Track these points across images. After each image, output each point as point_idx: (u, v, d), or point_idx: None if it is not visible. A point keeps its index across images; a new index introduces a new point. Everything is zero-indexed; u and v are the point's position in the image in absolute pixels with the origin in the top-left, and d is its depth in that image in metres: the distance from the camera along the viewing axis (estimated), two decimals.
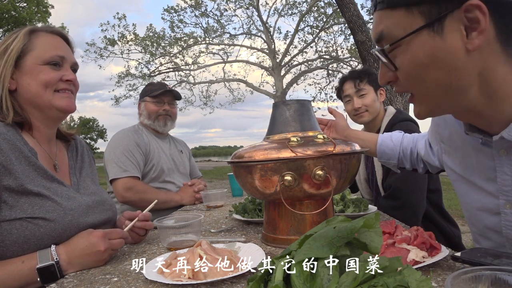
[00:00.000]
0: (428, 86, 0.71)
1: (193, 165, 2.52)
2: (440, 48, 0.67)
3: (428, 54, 0.68)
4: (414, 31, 0.67)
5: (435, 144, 1.10)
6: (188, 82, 17.57)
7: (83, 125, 38.99)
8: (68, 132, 1.25)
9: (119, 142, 2.10)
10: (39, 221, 0.94)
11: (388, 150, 1.32)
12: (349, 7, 5.23)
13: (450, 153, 0.99)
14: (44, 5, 18.23)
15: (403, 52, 0.71)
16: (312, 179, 0.99)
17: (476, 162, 0.88)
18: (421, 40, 0.68)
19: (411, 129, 1.75)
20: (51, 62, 1.06)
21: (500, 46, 0.67)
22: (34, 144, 1.07)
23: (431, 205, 1.81)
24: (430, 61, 0.68)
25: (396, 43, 0.70)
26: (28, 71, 1.04)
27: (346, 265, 0.54)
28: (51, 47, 1.08)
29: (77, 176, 1.18)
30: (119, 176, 1.99)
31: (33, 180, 0.97)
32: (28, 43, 1.06)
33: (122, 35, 16.00)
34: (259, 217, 1.43)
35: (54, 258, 0.92)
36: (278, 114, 1.15)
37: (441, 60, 0.67)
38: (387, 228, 0.94)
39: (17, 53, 1.04)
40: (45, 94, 1.05)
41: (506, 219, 0.86)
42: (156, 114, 2.23)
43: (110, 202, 1.23)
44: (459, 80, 0.69)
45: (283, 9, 16.71)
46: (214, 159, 60.21)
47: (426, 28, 0.67)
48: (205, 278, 0.81)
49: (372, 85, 1.92)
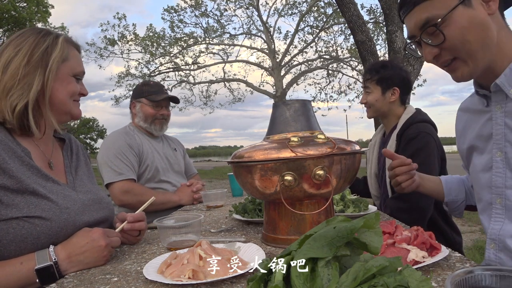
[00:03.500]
0: (472, 44, 0.92)
1: (188, 163, 2.49)
2: (473, 15, 0.91)
3: (467, 21, 0.91)
4: (454, 8, 0.91)
5: (466, 153, 1.18)
6: (188, 82, 17.58)
7: (83, 125, 38.93)
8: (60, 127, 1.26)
9: (111, 145, 2.07)
10: (36, 220, 0.94)
11: (455, 186, 1.38)
12: (349, 7, 5.22)
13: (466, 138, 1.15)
14: (44, 5, 18.22)
15: (449, 24, 0.92)
16: (312, 179, 0.99)
17: (480, 127, 1.06)
18: (459, 13, 0.91)
19: (427, 131, 1.75)
20: (77, 76, 1.15)
21: (501, 16, 0.96)
22: (28, 143, 1.07)
23: (436, 209, 1.79)
24: (470, 24, 0.91)
25: (443, 19, 0.92)
26: (61, 79, 1.10)
27: (346, 265, 0.55)
28: (79, 61, 1.18)
29: (73, 175, 1.18)
30: (114, 179, 1.97)
31: (28, 179, 0.97)
32: (67, 53, 1.11)
33: (122, 35, 16.00)
34: (259, 217, 1.42)
35: (52, 259, 0.92)
36: (278, 114, 1.15)
37: (477, 23, 0.92)
38: (387, 228, 0.94)
39: (60, 61, 1.09)
40: (68, 102, 1.12)
41: (496, 166, 1.00)
42: (153, 118, 2.19)
43: (106, 201, 1.23)
44: (489, 36, 0.92)
45: (283, 9, 16.73)
46: (214, 159, 60.19)
47: (461, 4, 0.91)
48: (205, 278, 0.81)
49: (381, 85, 1.92)
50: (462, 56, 0.95)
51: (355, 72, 15.75)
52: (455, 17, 0.91)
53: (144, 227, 1.20)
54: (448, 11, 0.91)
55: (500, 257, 1.00)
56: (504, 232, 0.98)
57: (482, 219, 1.08)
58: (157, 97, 2.18)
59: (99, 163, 2.08)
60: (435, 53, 0.97)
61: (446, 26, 0.92)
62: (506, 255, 0.98)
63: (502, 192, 0.99)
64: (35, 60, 1.05)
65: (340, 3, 5.28)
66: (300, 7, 16.09)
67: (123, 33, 15.99)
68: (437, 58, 0.98)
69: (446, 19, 0.92)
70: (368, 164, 2.09)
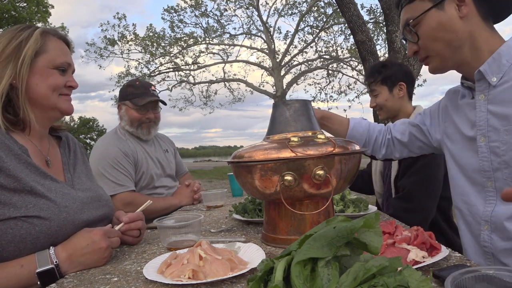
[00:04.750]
0: (439, 44, 1.04)
1: (179, 161, 2.42)
2: (444, 18, 1.02)
3: (437, 22, 1.03)
4: (427, 10, 1.03)
5: (436, 125, 1.29)
6: (188, 82, 17.56)
7: (83, 125, 38.93)
8: (57, 125, 1.25)
9: (105, 153, 1.97)
10: (34, 220, 0.94)
11: (358, 135, 1.45)
12: (349, 7, 5.22)
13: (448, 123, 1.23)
14: (44, 5, 18.20)
15: (422, 25, 1.05)
16: (312, 179, 0.99)
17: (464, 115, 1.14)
18: (431, 15, 1.03)
19: None
20: (60, 68, 1.10)
21: (481, 19, 1.03)
22: (25, 141, 1.06)
23: (439, 211, 1.79)
24: (438, 26, 1.03)
25: (416, 20, 1.05)
26: (39, 72, 1.07)
27: (346, 265, 0.54)
28: (61, 52, 1.12)
29: (71, 172, 1.18)
30: (115, 192, 1.90)
31: (26, 177, 0.96)
32: (42, 45, 1.08)
33: (122, 35, 16.00)
34: (259, 217, 1.42)
35: (53, 261, 0.91)
36: (278, 114, 1.15)
37: (446, 25, 1.02)
38: (387, 228, 0.94)
39: (33, 53, 1.05)
40: (51, 96, 1.08)
41: (481, 151, 1.06)
42: (138, 122, 2.07)
43: (106, 198, 1.22)
44: (457, 38, 1.02)
45: (283, 9, 16.71)
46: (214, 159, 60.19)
47: (434, 8, 1.02)
48: (205, 278, 0.81)
49: (386, 84, 1.91)
50: (432, 53, 1.08)
51: (355, 72, 15.74)
52: (427, 18, 1.04)
53: (142, 226, 1.20)
54: (420, 13, 1.04)
55: (492, 238, 1.05)
56: (497, 214, 1.03)
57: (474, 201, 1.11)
58: (141, 100, 2.04)
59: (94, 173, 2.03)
60: (415, 50, 1.10)
61: (420, 27, 1.06)
62: (497, 236, 1.03)
63: (491, 176, 1.04)
64: (7, 54, 1.04)
65: (340, 3, 5.28)
66: (300, 7, 16.08)
67: (123, 33, 15.99)
68: (416, 54, 1.12)
69: (420, 20, 1.05)
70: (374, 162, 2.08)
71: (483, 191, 1.07)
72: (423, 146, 1.37)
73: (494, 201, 1.04)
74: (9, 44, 1.04)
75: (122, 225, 1.13)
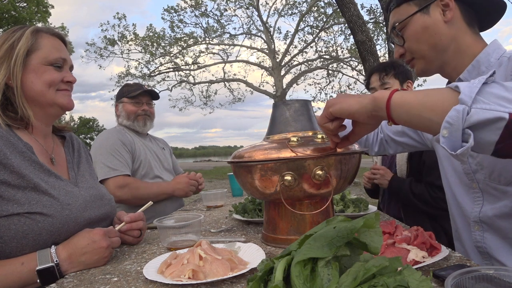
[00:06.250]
0: (424, 47, 1.06)
1: (175, 162, 2.51)
2: (429, 21, 1.04)
3: (421, 26, 1.05)
4: (412, 14, 1.05)
5: None
6: (188, 82, 17.58)
7: (83, 125, 38.94)
8: (61, 125, 1.27)
9: (103, 142, 2.06)
10: (37, 216, 0.94)
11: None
12: (349, 7, 5.22)
13: None
14: (44, 5, 18.21)
15: (407, 28, 1.07)
16: (312, 179, 0.99)
17: None
18: (416, 19, 1.05)
19: None
20: (54, 64, 1.11)
21: (465, 24, 1.05)
22: (29, 139, 1.07)
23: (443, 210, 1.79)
24: (423, 29, 1.05)
25: (402, 23, 1.07)
26: (33, 70, 1.07)
27: (346, 265, 0.54)
28: (55, 49, 1.12)
29: (75, 171, 1.18)
30: (108, 175, 1.95)
31: (30, 174, 0.97)
32: (34, 43, 1.08)
33: (122, 35, 16.01)
34: (259, 217, 1.42)
35: (54, 260, 0.92)
36: (278, 114, 1.15)
37: (430, 28, 1.04)
38: (387, 228, 0.94)
39: (25, 52, 1.06)
40: (48, 92, 1.09)
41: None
42: (135, 114, 2.21)
43: (108, 197, 1.23)
44: (441, 41, 1.04)
45: (283, 9, 16.73)
46: (214, 159, 60.19)
47: (419, 12, 1.04)
48: (205, 278, 0.81)
49: (398, 78, 1.94)
50: (417, 55, 1.10)
51: (355, 72, 15.75)
52: (412, 22, 1.06)
53: (143, 226, 1.20)
54: (406, 17, 1.06)
55: (484, 237, 1.08)
56: (484, 214, 1.06)
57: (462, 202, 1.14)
58: (135, 92, 2.21)
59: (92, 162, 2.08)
60: (401, 52, 1.13)
61: (406, 31, 1.08)
62: (490, 235, 1.06)
63: (473, 177, 1.08)
64: (0, 55, 1.05)
65: (340, 3, 5.28)
66: (300, 7, 16.10)
67: (123, 33, 16.00)
68: (402, 57, 1.14)
69: (405, 24, 1.07)
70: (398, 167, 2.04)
71: (471, 192, 1.11)
72: (416, 144, 1.41)
73: (481, 201, 1.08)
74: (2, 46, 1.06)
75: (123, 224, 1.14)
